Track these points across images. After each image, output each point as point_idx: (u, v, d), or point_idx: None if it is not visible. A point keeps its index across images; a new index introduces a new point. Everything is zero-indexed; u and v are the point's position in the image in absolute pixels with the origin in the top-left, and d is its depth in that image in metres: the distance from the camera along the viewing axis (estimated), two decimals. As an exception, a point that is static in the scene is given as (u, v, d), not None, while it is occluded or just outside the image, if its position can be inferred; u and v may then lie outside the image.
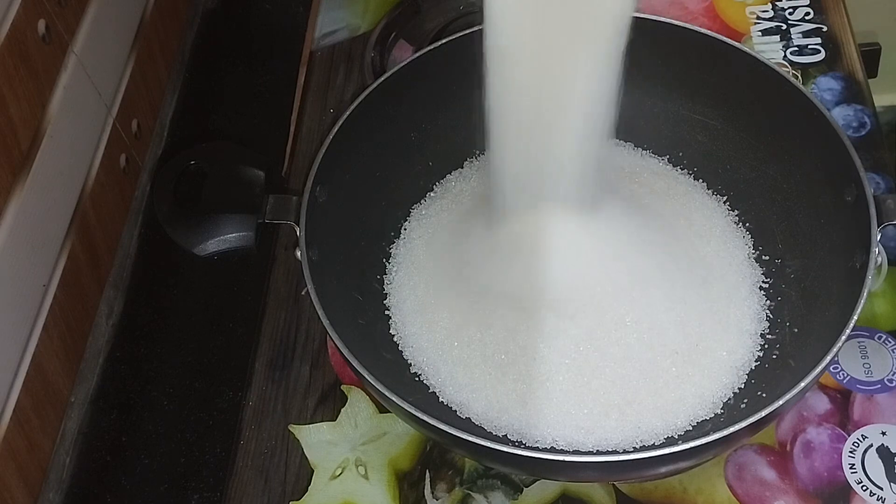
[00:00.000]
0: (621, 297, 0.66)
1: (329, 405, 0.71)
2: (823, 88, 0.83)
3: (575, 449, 0.62)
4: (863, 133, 0.80)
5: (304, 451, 0.69)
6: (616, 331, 0.65)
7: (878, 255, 0.61)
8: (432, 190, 0.76)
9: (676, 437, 0.63)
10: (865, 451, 0.65)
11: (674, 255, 0.69)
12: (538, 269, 0.66)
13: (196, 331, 0.78)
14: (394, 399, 0.58)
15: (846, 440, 0.66)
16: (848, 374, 0.69)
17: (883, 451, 0.65)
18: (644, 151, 0.77)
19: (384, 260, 0.72)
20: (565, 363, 0.64)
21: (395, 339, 0.68)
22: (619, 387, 0.64)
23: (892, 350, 0.70)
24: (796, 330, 0.67)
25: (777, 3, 0.89)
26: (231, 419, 0.71)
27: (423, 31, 0.90)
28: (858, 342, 0.70)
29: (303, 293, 0.76)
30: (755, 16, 0.89)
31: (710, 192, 0.74)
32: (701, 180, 0.75)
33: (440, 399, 0.65)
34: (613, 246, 0.67)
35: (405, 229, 0.74)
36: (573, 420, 0.63)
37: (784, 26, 0.88)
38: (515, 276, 0.67)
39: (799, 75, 0.84)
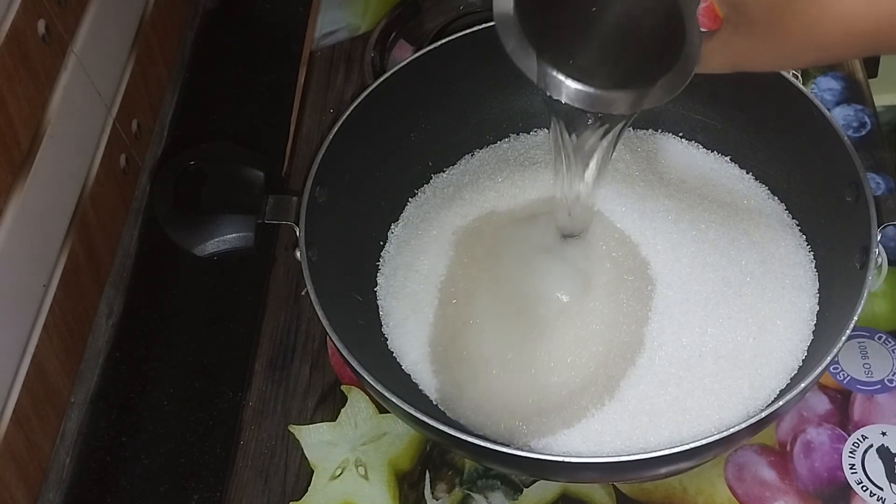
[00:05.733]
0: (630, 292, 0.66)
1: (329, 405, 0.71)
2: (823, 88, 0.83)
3: (575, 450, 0.62)
4: (863, 133, 0.80)
5: (304, 451, 0.69)
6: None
7: (878, 255, 0.61)
8: (431, 189, 0.76)
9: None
10: (865, 452, 0.65)
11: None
12: (542, 263, 0.66)
13: (196, 331, 0.78)
14: (394, 400, 0.58)
15: (846, 440, 0.66)
16: (848, 375, 0.69)
17: (883, 452, 0.65)
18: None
19: (384, 260, 0.72)
20: (567, 363, 0.64)
21: (393, 339, 0.68)
22: (632, 392, 0.63)
23: (892, 350, 0.70)
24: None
25: (777, 3, 0.89)
26: (231, 419, 0.71)
27: (423, 31, 0.90)
28: (858, 342, 0.70)
29: (303, 293, 0.76)
30: (755, 16, 0.88)
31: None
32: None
33: (440, 399, 0.65)
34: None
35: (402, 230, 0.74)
36: (574, 421, 0.63)
37: (784, 26, 0.87)
38: (518, 269, 0.67)
39: (799, 75, 0.84)
